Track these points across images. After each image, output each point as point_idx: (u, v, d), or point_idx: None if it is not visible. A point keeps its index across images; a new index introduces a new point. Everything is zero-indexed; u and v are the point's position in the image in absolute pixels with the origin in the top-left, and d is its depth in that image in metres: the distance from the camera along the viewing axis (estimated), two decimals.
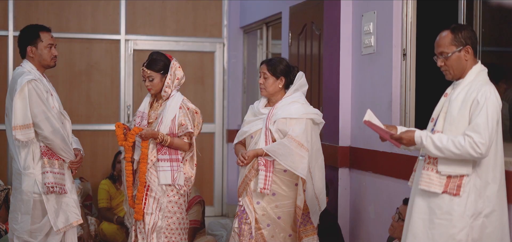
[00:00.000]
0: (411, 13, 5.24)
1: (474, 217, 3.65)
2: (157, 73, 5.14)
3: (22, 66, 4.91)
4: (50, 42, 4.95)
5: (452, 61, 3.75)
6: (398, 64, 5.28)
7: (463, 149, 3.57)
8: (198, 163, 5.29)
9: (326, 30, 6.16)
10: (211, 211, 8.86)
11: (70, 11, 8.39)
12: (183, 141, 5.12)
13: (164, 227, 5.15)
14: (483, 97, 3.59)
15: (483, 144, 3.54)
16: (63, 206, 4.87)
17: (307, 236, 4.96)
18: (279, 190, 4.91)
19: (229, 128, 8.88)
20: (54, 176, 4.79)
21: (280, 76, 4.98)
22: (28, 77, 4.74)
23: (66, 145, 4.87)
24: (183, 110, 5.13)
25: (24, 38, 4.98)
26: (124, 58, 8.52)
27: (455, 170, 3.67)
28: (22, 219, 4.83)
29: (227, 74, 8.93)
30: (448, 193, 3.68)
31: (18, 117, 4.69)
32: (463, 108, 3.65)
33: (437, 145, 3.64)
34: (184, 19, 8.78)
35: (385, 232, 4.95)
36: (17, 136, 4.69)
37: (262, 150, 4.85)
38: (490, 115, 3.57)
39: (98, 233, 7.22)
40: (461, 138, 3.58)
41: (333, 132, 5.96)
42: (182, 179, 5.13)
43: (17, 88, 4.68)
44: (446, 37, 3.77)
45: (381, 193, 5.42)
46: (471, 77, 3.72)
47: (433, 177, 3.73)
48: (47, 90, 4.84)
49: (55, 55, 4.95)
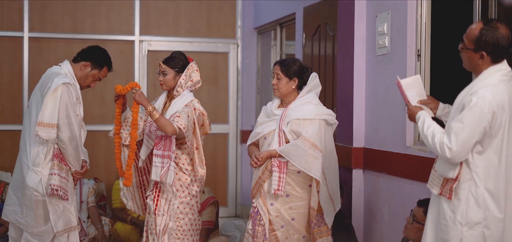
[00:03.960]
0: (426, 13, 5.21)
1: (469, 226, 3.50)
2: (171, 70, 5.14)
3: (60, 66, 4.97)
4: (100, 77, 5.07)
5: (467, 55, 3.64)
6: (413, 65, 5.25)
7: (434, 145, 3.51)
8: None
9: (340, 31, 6.15)
10: (225, 212, 8.86)
11: (84, 12, 8.42)
12: (169, 121, 5.00)
13: (175, 228, 5.15)
14: (469, 102, 3.46)
15: (449, 148, 3.44)
16: (64, 209, 4.89)
17: (321, 237, 4.94)
18: (293, 191, 4.90)
19: (243, 128, 8.88)
20: (60, 179, 4.80)
21: (294, 77, 4.96)
22: (64, 80, 4.79)
23: (78, 154, 4.90)
24: (188, 108, 5.09)
25: (92, 54, 5.06)
26: (138, 59, 8.54)
27: (445, 171, 3.56)
28: (27, 213, 4.85)
29: (241, 75, 8.94)
30: (443, 195, 3.59)
31: (46, 115, 4.72)
32: (457, 109, 3.54)
33: (423, 131, 3.61)
34: (198, 20, 8.79)
35: (399, 234, 4.92)
36: (39, 132, 4.71)
37: (276, 151, 4.84)
38: (468, 122, 3.42)
39: (112, 233, 7.24)
40: (438, 134, 3.51)
41: (347, 133, 5.94)
42: (171, 177, 5.03)
43: (52, 87, 4.72)
44: (473, 30, 3.60)
45: (395, 195, 5.39)
46: (480, 78, 3.60)
47: (434, 177, 3.66)
48: (77, 97, 4.88)
49: (90, 87, 5.05)
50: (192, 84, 5.19)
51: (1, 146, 8.09)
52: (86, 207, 7.17)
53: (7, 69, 8.21)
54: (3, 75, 8.21)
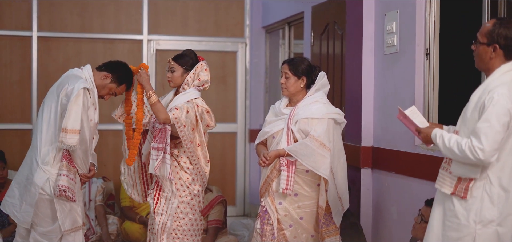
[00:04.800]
0: (435, 12, 5.20)
1: (482, 224, 3.50)
2: (180, 67, 5.15)
3: (82, 69, 4.98)
4: (116, 92, 5.10)
5: (480, 51, 3.63)
6: (421, 64, 5.24)
7: (463, 153, 3.46)
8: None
9: (349, 30, 6.14)
10: (233, 211, 8.87)
11: (93, 11, 8.43)
12: (165, 109, 5.03)
13: (175, 228, 5.15)
14: (490, 100, 3.45)
15: (481, 149, 3.41)
16: (70, 209, 4.90)
17: (330, 236, 4.93)
18: (301, 190, 4.90)
19: (251, 127, 8.88)
20: (69, 181, 4.80)
21: (302, 76, 4.96)
22: (85, 85, 4.80)
23: (86, 158, 4.92)
24: (189, 104, 5.08)
25: (116, 68, 5.11)
26: (146, 58, 8.55)
27: (466, 172, 3.54)
28: (25, 208, 4.85)
29: (249, 74, 8.94)
30: (456, 195, 3.58)
31: (70, 121, 4.73)
32: (475, 109, 3.53)
33: (446, 145, 3.56)
34: (206, 19, 8.79)
35: (408, 233, 4.91)
36: (64, 139, 4.71)
37: (284, 150, 4.84)
38: (494, 120, 3.42)
39: (120, 232, 7.25)
40: (464, 141, 3.48)
41: (356, 132, 5.93)
42: (167, 171, 5.03)
43: (74, 93, 4.73)
44: (487, 25, 3.62)
45: (404, 194, 5.38)
46: (494, 77, 3.59)
47: (446, 177, 3.65)
48: (93, 102, 4.90)
49: (103, 98, 5.07)
50: (200, 83, 5.17)
51: (10, 144, 8.11)
52: (94, 206, 7.19)
53: (16, 69, 8.23)
54: (12, 75, 8.23)
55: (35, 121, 8.10)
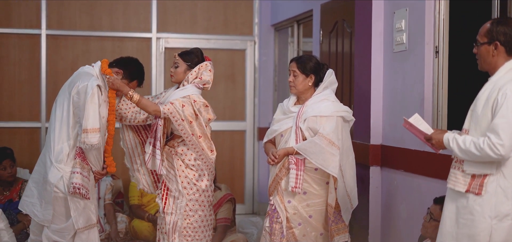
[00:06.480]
0: (444, 10, 5.18)
1: (498, 218, 3.53)
2: (184, 63, 5.14)
3: (93, 67, 5.00)
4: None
5: (481, 51, 3.70)
6: (431, 62, 5.22)
7: (483, 151, 3.47)
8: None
9: (358, 28, 6.12)
10: (242, 209, 8.87)
11: (101, 9, 8.45)
12: (151, 102, 5.03)
13: (186, 226, 5.15)
14: (504, 96, 3.48)
15: (502, 145, 3.43)
16: (84, 207, 4.91)
17: (339, 234, 4.93)
18: (310, 188, 4.89)
19: (260, 125, 8.87)
20: (82, 178, 4.81)
21: (310, 74, 4.96)
22: (98, 82, 4.83)
23: (99, 155, 4.93)
24: (185, 99, 5.06)
25: (128, 64, 5.17)
26: (155, 56, 8.56)
27: (479, 170, 3.56)
28: (45, 207, 4.87)
29: (258, 72, 8.93)
30: (471, 192, 3.59)
31: (89, 121, 4.74)
32: (486, 107, 3.56)
33: (462, 147, 3.57)
34: (215, 17, 8.80)
35: (417, 231, 4.90)
36: (86, 139, 4.73)
37: (293, 148, 4.83)
38: (511, 115, 3.45)
39: (129, 230, 7.27)
40: (481, 140, 3.49)
41: (364, 130, 5.92)
42: (155, 165, 5.06)
43: (89, 91, 4.74)
44: (484, 26, 3.70)
45: (413, 192, 5.37)
46: (500, 74, 3.63)
47: (458, 176, 3.66)
48: (105, 99, 4.92)
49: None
50: (201, 81, 5.15)
51: (19, 143, 8.13)
52: (103, 204, 7.21)
53: (25, 67, 8.25)
54: (21, 73, 8.25)
55: (43, 119, 8.13)
